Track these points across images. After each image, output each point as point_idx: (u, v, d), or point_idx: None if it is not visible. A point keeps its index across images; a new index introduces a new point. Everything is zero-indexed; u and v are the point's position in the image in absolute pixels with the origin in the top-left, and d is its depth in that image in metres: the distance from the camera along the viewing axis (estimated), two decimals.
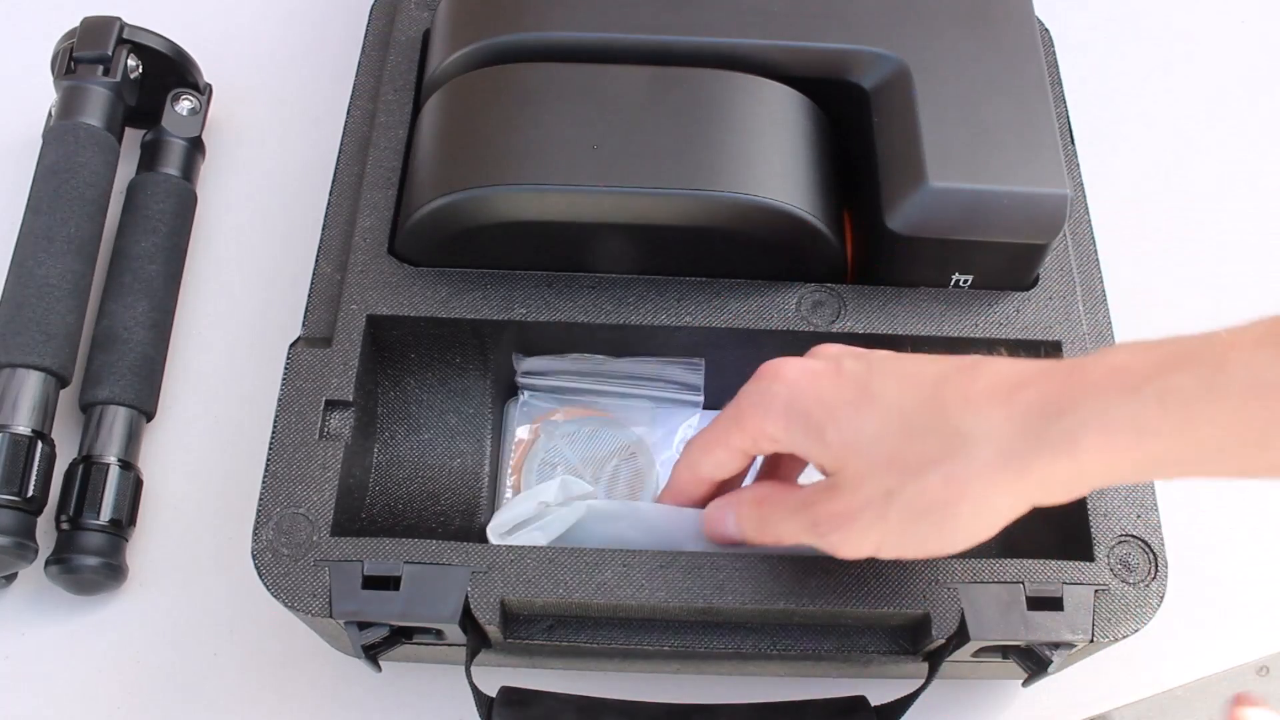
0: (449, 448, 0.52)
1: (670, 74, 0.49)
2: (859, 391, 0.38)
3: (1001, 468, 0.34)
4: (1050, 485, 0.35)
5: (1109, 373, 0.33)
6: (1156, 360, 0.33)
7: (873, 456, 0.37)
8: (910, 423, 0.36)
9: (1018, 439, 0.34)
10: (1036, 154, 0.47)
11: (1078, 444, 0.33)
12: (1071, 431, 0.33)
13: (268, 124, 0.66)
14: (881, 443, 0.36)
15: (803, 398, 0.39)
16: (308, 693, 0.51)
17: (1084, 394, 0.33)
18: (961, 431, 0.35)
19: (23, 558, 0.50)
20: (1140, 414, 0.32)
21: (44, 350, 0.52)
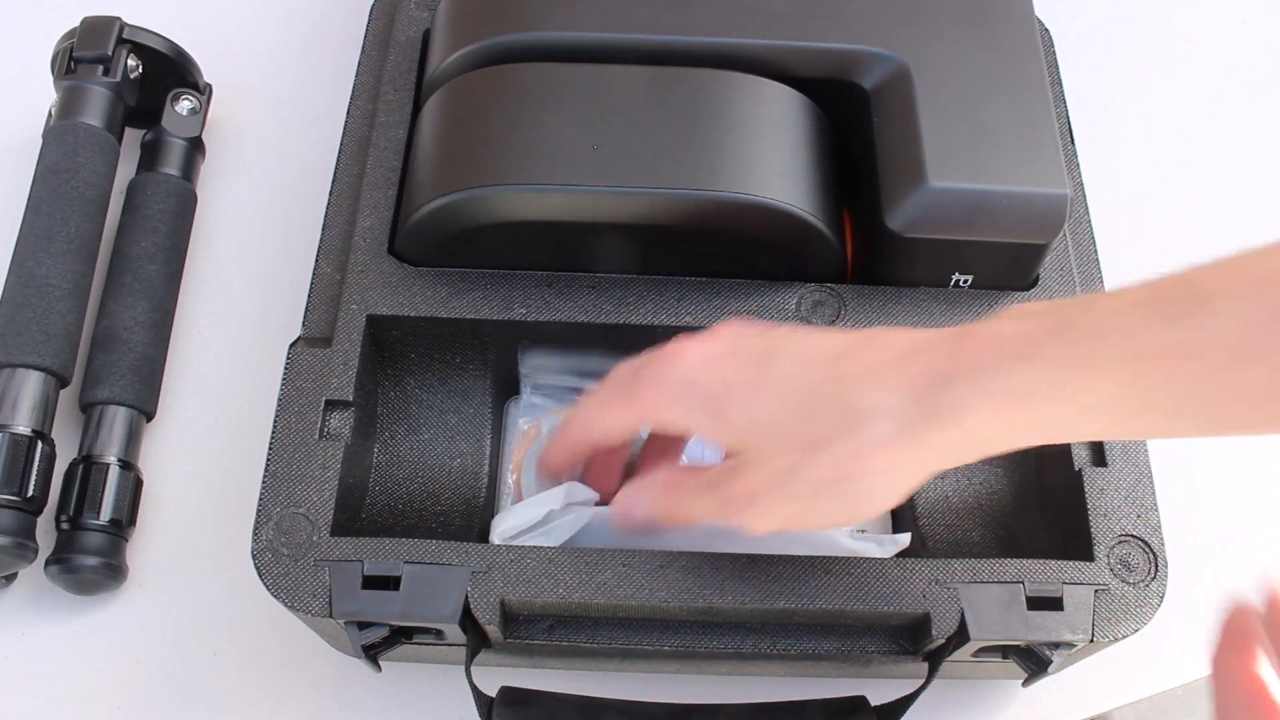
0: (449, 448, 0.52)
1: (670, 74, 0.49)
2: (758, 372, 0.39)
3: (897, 439, 0.35)
4: (945, 452, 0.36)
5: (994, 340, 0.34)
6: (1040, 328, 0.34)
7: (775, 435, 0.38)
8: (808, 400, 0.37)
9: (910, 410, 0.35)
10: (1036, 154, 0.47)
11: (966, 413, 0.34)
12: (960, 401, 0.34)
13: (268, 124, 0.66)
14: (782, 421, 0.37)
15: (702, 381, 0.39)
16: (308, 693, 0.51)
17: (970, 363, 0.34)
18: (857, 406, 0.36)
19: (23, 558, 0.50)
20: (1023, 382, 0.33)
21: (44, 350, 0.52)
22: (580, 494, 0.46)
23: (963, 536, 0.50)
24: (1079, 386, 0.33)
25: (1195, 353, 0.31)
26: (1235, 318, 0.31)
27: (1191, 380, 0.32)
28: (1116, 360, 0.32)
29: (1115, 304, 0.33)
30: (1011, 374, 0.34)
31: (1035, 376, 0.33)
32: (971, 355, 0.34)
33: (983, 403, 0.34)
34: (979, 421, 0.34)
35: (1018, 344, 0.34)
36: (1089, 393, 0.33)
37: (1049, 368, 0.33)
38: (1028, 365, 0.33)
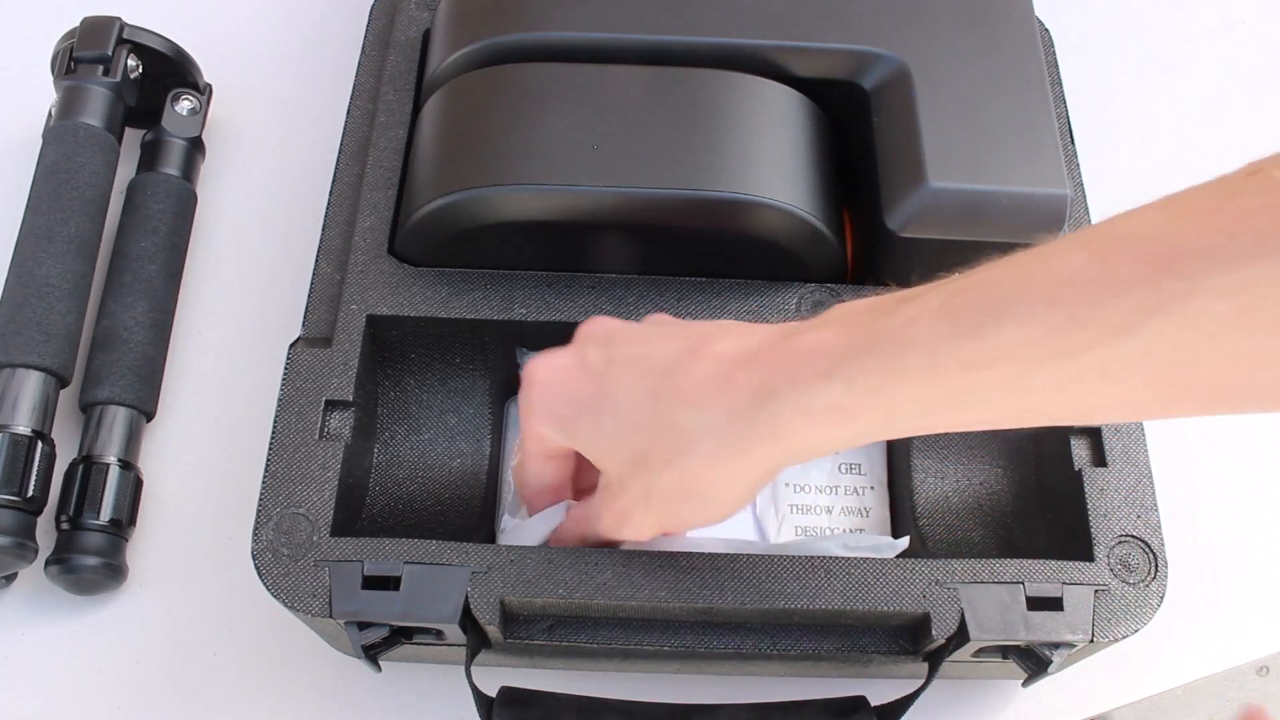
0: (449, 448, 0.52)
1: (670, 74, 0.49)
2: (597, 389, 0.40)
3: (726, 456, 0.37)
4: (773, 460, 0.37)
5: (808, 355, 0.35)
6: (850, 342, 0.35)
7: (620, 458, 0.40)
8: (640, 423, 0.39)
9: (730, 430, 0.36)
10: (1036, 154, 0.47)
11: (783, 429, 0.35)
12: (776, 418, 0.35)
13: (268, 124, 0.66)
14: (623, 443, 0.39)
15: (554, 400, 0.41)
16: (308, 693, 0.51)
17: (785, 381, 0.35)
18: (683, 427, 0.37)
19: (23, 558, 0.50)
20: (834, 399, 0.35)
21: (44, 350, 0.52)
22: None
23: (963, 537, 0.50)
24: (885, 401, 0.34)
25: (995, 361, 0.32)
26: (1032, 326, 0.31)
27: (995, 385, 0.33)
28: (918, 373, 0.33)
29: (915, 312, 0.34)
30: (821, 392, 0.35)
31: (841, 394, 0.34)
32: (786, 372, 0.35)
33: (798, 419, 0.35)
34: (798, 435, 0.36)
35: (827, 362, 0.35)
36: (896, 405, 0.34)
37: (854, 386, 0.34)
38: (834, 384, 0.34)
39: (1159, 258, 0.30)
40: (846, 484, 0.52)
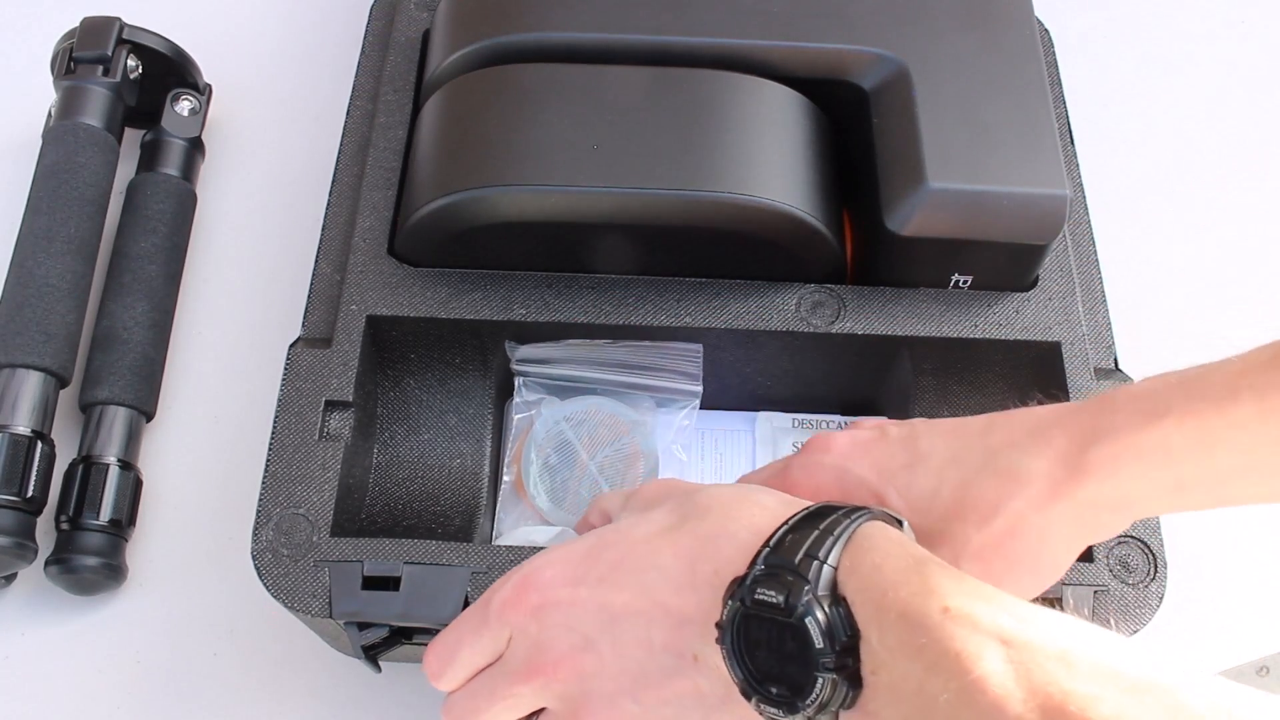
0: (449, 448, 0.52)
1: (670, 75, 0.49)
2: (910, 453, 0.39)
3: (1050, 499, 0.36)
4: (1095, 507, 0.36)
5: (1134, 401, 0.35)
6: (1179, 384, 0.35)
7: (936, 511, 0.38)
8: (965, 473, 0.38)
9: (1062, 470, 0.36)
10: (1036, 154, 0.47)
11: (1109, 466, 0.35)
12: (1105, 456, 0.35)
13: (268, 124, 0.66)
14: (941, 496, 0.38)
15: (856, 467, 0.40)
16: (308, 693, 0.51)
17: (1114, 424, 0.35)
18: (1013, 472, 0.36)
19: (23, 558, 0.50)
20: (1165, 440, 0.34)
21: (44, 350, 0.52)
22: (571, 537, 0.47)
23: None
24: (1210, 445, 0.34)
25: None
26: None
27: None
28: (1246, 418, 0.33)
29: (1243, 365, 0.34)
30: (1151, 429, 0.34)
31: (1172, 431, 0.34)
32: (1114, 412, 0.35)
33: (1127, 455, 0.35)
34: (1123, 474, 0.35)
35: (1158, 402, 0.35)
36: (1221, 450, 0.34)
37: (1185, 425, 0.34)
38: (1166, 422, 0.34)
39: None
40: None
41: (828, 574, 0.31)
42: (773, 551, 0.32)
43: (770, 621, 0.31)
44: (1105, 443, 0.35)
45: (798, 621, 0.30)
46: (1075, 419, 0.36)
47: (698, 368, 0.51)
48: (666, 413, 0.52)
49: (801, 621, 0.30)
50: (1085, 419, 0.36)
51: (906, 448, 0.39)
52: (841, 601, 0.31)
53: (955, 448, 0.38)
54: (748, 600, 0.32)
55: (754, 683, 0.32)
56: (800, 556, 0.31)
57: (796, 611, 0.30)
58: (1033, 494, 0.36)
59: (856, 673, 0.30)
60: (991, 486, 0.37)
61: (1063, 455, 0.36)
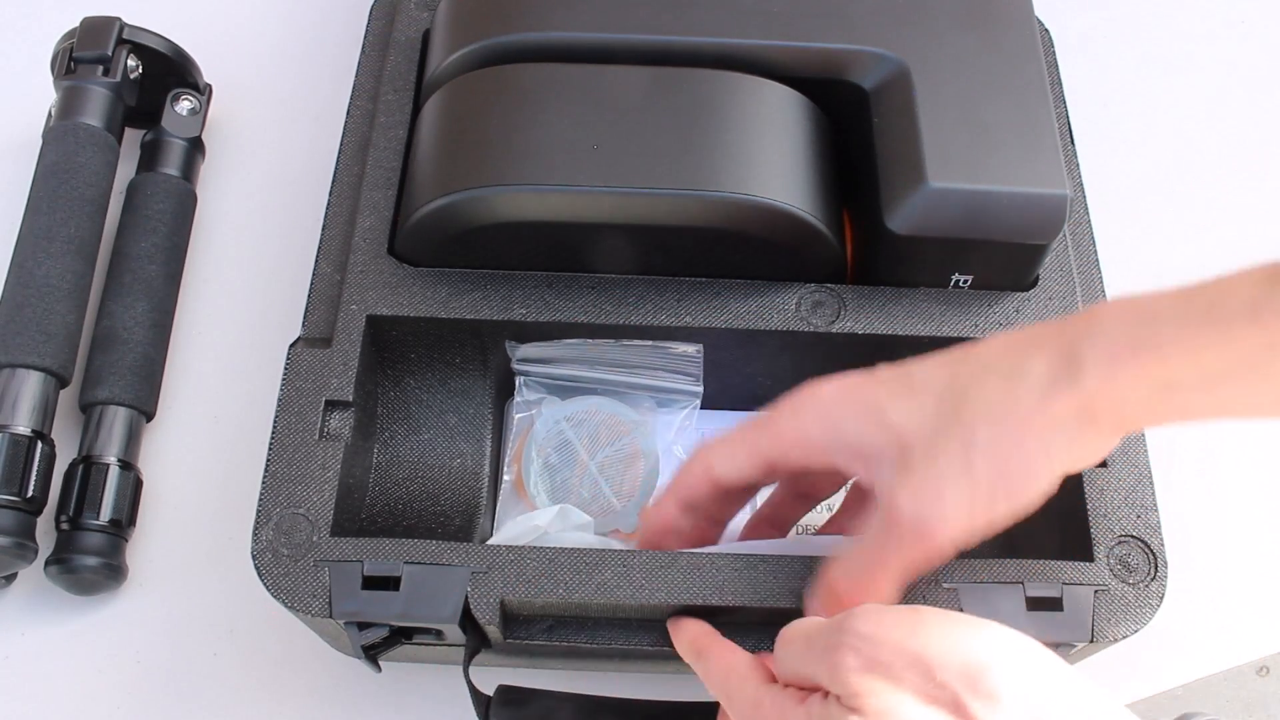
0: (449, 448, 0.52)
1: (670, 74, 0.49)
2: (904, 385, 0.39)
3: (1053, 395, 0.35)
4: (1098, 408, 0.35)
5: (1127, 306, 0.36)
6: (1172, 295, 0.35)
7: (940, 420, 0.37)
8: (963, 384, 0.37)
9: (1061, 365, 0.35)
10: (1036, 154, 0.47)
11: (1112, 367, 0.35)
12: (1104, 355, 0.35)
13: (268, 124, 0.67)
14: (944, 406, 0.37)
15: (848, 399, 0.39)
16: (308, 693, 0.51)
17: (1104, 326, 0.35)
18: (1010, 373, 0.36)
19: (23, 558, 0.50)
20: (1155, 336, 0.34)
21: (44, 350, 0.52)
22: (575, 518, 0.47)
23: None
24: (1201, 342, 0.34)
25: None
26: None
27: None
28: (1237, 321, 0.33)
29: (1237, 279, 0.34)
30: (1142, 329, 0.35)
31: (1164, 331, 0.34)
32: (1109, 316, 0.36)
33: (1125, 354, 0.35)
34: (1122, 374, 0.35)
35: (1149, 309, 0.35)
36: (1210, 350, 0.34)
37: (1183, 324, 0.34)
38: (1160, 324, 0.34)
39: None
40: None
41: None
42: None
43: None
44: (1099, 341, 0.35)
45: None
46: (1068, 324, 0.37)
47: (698, 368, 0.51)
48: (667, 413, 0.52)
49: None
50: (1078, 323, 0.36)
51: (901, 382, 0.39)
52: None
53: (951, 370, 0.38)
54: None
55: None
56: None
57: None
58: (1036, 390, 0.36)
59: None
60: (996, 386, 0.36)
61: (1061, 353, 0.36)
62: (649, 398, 0.52)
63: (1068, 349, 0.36)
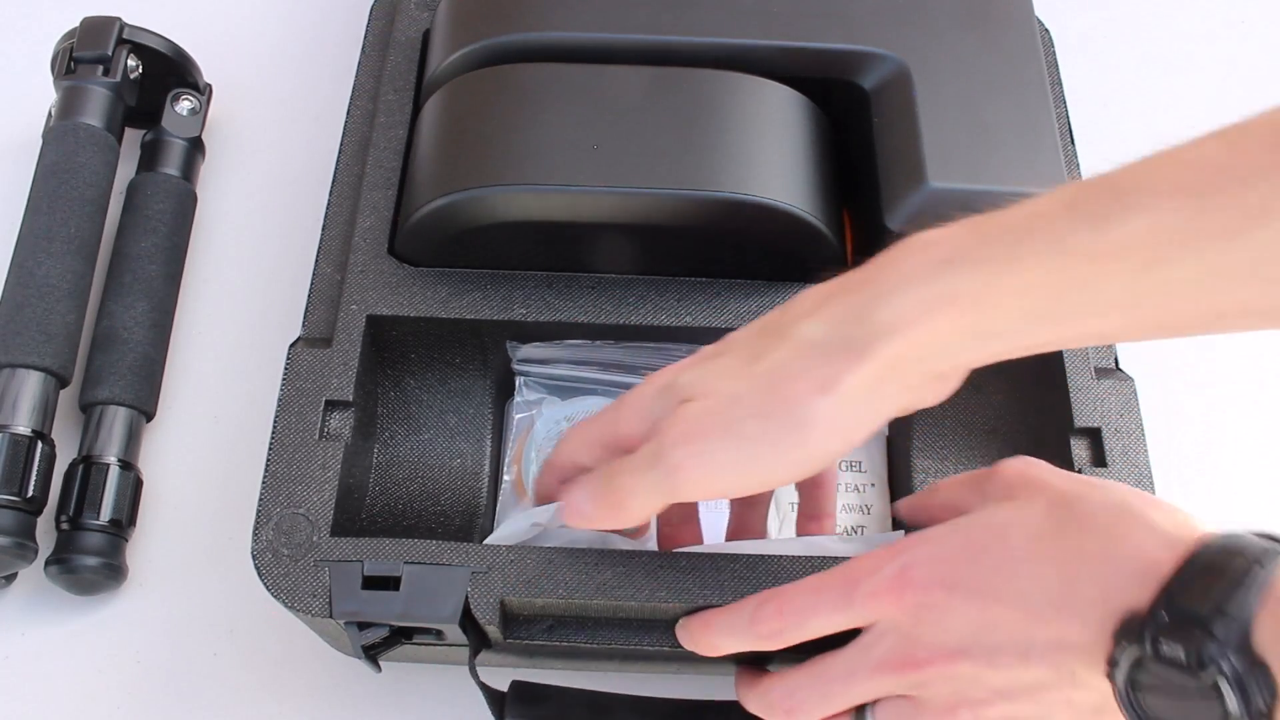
0: (449, 448, 0.52)
1: (670, 74, 0.49)
2: (716, 347, 0.39)
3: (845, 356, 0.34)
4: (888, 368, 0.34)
5: (929, 245, 0.34)
6: (973, 231, 0.34)
7: (717, 377, 0.37)
8: (751, 341, 0.37)
9: (850, 326, 0.34)
10: (1036, 154, 0.47)
11: (904, 319, 0.34)
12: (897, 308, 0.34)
13: (268, 124, 0.66)
14: (731, 361, 0.37)
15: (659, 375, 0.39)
16: (308, 693, 0.51)
17: (900, 277, 0.34)
18: (795, 332, 0.35)
19: (23, 558, 0.50)
20: (956, 285, 0.33)
21: (44, 350, 0.52)
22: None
23: None
24: (1005, 287, 0.32)
25: (1121, 251, 0.31)
26: (1160, 214, 0.30)
27: (1121, 279, 0.31)
28: (1039, 258, 0.32)
29: (1038, 206, 0.33)
30: (940, 279, 0.33)
31: (962, 279, 0.33)
32: (904, 268, 0.34)
33: (918, 308, 0.33)
34: (919, 327, 0.33)
35: (944, 251, 0.34)
36: (1016, 293, 0.32)
37: (974, 269, 0.33)
38: (955, 269, 0.33)
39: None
40: (847, 481, 0.52)
41: (1241, 630, 0.30)
42: (1175, 598, 0.31)
43: (1171, 672, 0.30)
44: (894, 296, 0.34)
45: (1209, 681, 0.29)
46: (865, 272, 0.35)
47: None
48: None
49: (1214, 681, 0.29)
50: (877, 270, 0.35)
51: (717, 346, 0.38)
52: (1259, 663, 0.29)
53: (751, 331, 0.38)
54: (1149, 650, 0.31)
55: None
56: (1210, 609, 0.30)
57: (1208, 669, 0.30)
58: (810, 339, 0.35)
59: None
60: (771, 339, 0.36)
61: (852, 309, 0.35)
62: None
63: (858, 310, 0.34)
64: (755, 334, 0.38)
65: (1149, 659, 0.31)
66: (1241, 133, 0.30)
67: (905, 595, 0.35)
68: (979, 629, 0.35)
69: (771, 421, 0.35)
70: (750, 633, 0.38)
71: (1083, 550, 0.34)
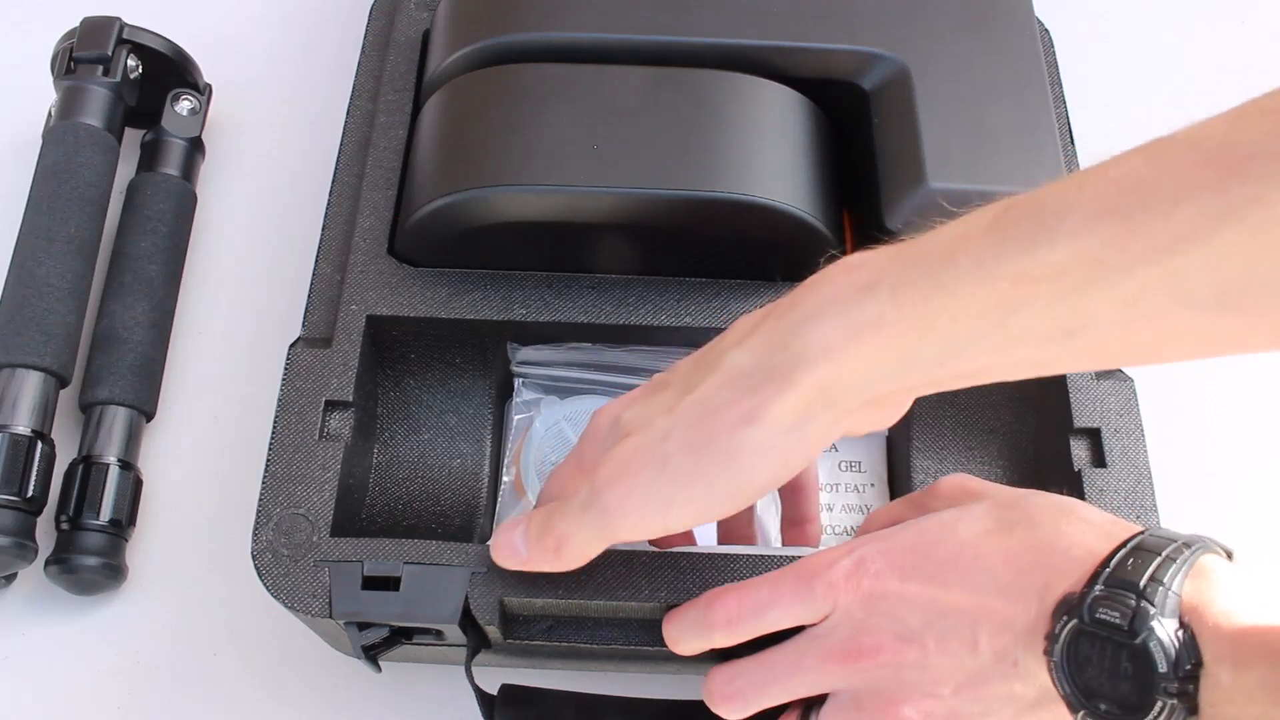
0: (449, 448, 0.52)
1: (670, 74, 0.49)
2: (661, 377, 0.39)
3: (767, 385, 0.34)
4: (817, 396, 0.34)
5: (851, 269, 0.34)
6: (895, 257, 0.33)
7: (654, 412, 0.37)
8: (683, 376, 0.37)
9: (771, 354, 0.34)
10: (1036, 154, 0.47)
11: (827, 347, 0.33)
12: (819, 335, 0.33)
13: (268, 124, 0.66)
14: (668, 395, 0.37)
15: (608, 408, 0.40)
16: (308, 693, 0.51)
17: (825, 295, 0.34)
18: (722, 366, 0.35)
19: (23, 558, 0.50)
20: (879, 312, 0.32)
21: (44, 350, 0.52)
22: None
23: None
24: (930, 313, 0.32)
25: (1047, 276, 0.30)
26: (1086, 237, 0.29)
27: (1048, 306, 0.30)
28: (964, 283, 0.31)
29: (963, 230, 0.32)
30: (864, 305, 0.33)
31: (886, 305, 0.32)
32: (826, 287, 0.34)
33: (840, 334, 0.33)
34: (843, 356, 0.33)
35: (871, 273, 0.33)
36: (942, 324, 0.32)
37: (898, 297, 0.32)
38: (878, 294, 0.32)
39: (1225, 163, 0.28)
40: (847, 481, 0.52)
41: (1172, 600, 0.31)
42: (1113, 573, 0.33)
43: (1106, 640, 0.32)
44: (820, 321, 0.33)
45: (1141, 644, 0.31)
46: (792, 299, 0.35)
47: None
48: None
49: (1145, 645, 0.31)
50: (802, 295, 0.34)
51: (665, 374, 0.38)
52: (1186, 629, 0.31)
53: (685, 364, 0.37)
54: (1085, 618, 0.32)
55: (1082, 698, 0.32)
56: (1145, 580, 0.32)
57: (1140, 634, 0.31)
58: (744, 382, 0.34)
59: (1195, 702, 0.31)
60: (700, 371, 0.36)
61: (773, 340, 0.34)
62: None
63: (782, 337, 0.34)
64: (691, 365, 0.38)
65: (1086, 627, 0.32)
66: (1166, 147, 0.30)
67: (861, 584, 0.36)
68: (930, 617, 0.35)
69: (698, 455, 0.35)
70: (707, 622, 0.39)
71: (1028, 543, 0.35)
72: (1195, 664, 0.31)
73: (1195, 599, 0.32)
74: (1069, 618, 0.33)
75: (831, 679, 0.37)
